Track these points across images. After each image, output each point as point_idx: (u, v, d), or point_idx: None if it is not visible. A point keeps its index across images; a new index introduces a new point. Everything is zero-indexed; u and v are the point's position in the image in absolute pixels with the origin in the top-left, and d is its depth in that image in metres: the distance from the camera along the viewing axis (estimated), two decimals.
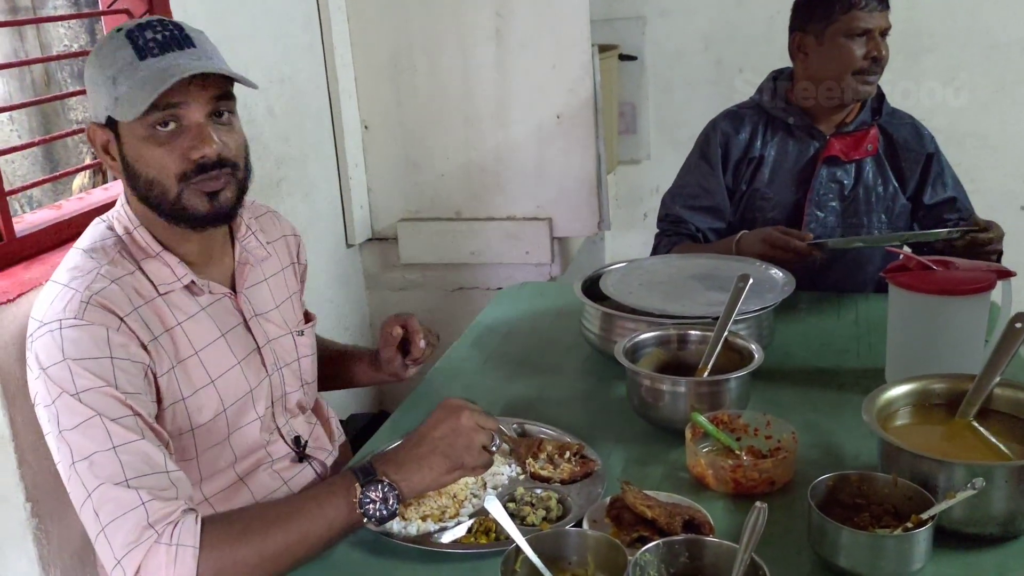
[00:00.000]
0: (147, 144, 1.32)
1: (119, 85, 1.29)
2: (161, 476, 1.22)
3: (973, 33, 3.54)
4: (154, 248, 1.39)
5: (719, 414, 1.45)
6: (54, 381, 1.23)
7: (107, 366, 1.25)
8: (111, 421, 1.22)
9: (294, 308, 1.64)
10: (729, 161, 2.26)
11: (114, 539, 1.18)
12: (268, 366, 1.51)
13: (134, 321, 1.30)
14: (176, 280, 1.39)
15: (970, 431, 1.33)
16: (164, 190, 1.34)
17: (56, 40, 4.77)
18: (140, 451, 1.22)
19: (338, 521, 1.25)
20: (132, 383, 1.27)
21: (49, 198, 4.42)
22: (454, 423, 1.32)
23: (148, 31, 1.31)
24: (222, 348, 1.44)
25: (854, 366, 1.76)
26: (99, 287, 1.30)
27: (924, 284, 1.55)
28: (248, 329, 1.49)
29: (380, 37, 3.03)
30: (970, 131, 3.50)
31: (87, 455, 1.21)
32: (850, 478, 1.22)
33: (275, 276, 1.60)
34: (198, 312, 1.42)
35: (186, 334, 1.39)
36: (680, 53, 3.84)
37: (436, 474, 1.30)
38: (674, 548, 1.12)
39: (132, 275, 1.35)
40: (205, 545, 1.17)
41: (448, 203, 3.15)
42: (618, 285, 1.87)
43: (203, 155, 1.32)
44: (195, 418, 1.39)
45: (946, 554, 1.17)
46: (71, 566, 1.71)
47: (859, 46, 2.09)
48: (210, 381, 1.40)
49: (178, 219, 1.37)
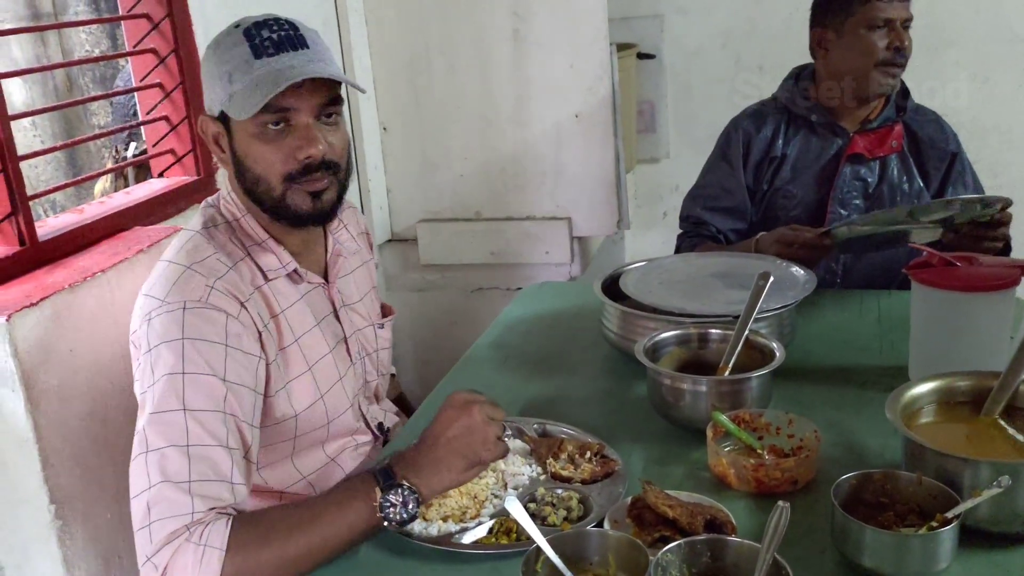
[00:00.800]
0: (256, 141, 1.36)
1: (234, 82, 1.33)
2: (223, 486, 1.24)
3: (995, 27, 3.51)
4: (261, 235, 1.44)
5: (740, 413, 1.44)
6: (163, 358, 1.26)
7: (220, 353, 1.28)
8: (195, 419, 1.24)
9: (374, 301, 1.70)
10: (750, 160, 2.24)
11: (156, 535, 1.19)
12: (353, 355, 1.57)
13: (252, 305, 1.35)
14: (281, 267, 1.44)
15: (995, 429, 1.32)
16: (269, 187, 1.38)
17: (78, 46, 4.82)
18: (211, 456, 1.24)
19: (359, 525, 1.26)
20: (240, 374, 1.30)
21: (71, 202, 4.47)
22: (467, 421, 1.32)
23: (264, 29, 1.35)
24: (317, 336, 1.48)
25: (877, 364, 1.74)
26: (222, 271, 1.34)
27: (947, 281, 1.53)
28: (337, 319, 1.55)
29: (398, 39, 3.04)
30: (993, 125, 3.47)
31: (161, 447, 1.23)
32: (874, 477, 1.21)
33: (359, 269, 1.67)
34: (298, 300, 1.47)
35: (288, 321, 1.43)
36: (698, 51, 3.83)
37: (455, 474, 1.31)
38: (696, 548, 1.11)
39: (244, 261, 1.40)
40: (231, 547, 1.18)
41: (467, 203, 3.15)
42: (638, 284, 1.86)
43: (309, 156, 1.36)
44: (296, 405, 1.43)
45: (972, 553, 1.16)
46: (95, 568, 1.73)
47: (880, 37, 2.07)
48: (307, 368, 1.45)
49: (280, 215, 1.41)
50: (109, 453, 1.75)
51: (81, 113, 4.91)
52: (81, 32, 4.74)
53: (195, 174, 2.28)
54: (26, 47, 4.74)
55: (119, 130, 2.65)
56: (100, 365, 1.73)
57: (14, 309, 1.57)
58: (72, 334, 1.68)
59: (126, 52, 2.22)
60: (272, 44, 1.34)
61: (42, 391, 1.61)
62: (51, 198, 4.43)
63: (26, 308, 1.59)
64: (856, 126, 2.17)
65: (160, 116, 2.23)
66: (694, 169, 2.42)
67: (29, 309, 1.59)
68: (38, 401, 1.60)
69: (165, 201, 2.17)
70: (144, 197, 2.13)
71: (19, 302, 1.60)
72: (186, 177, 2.28)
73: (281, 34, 1.35)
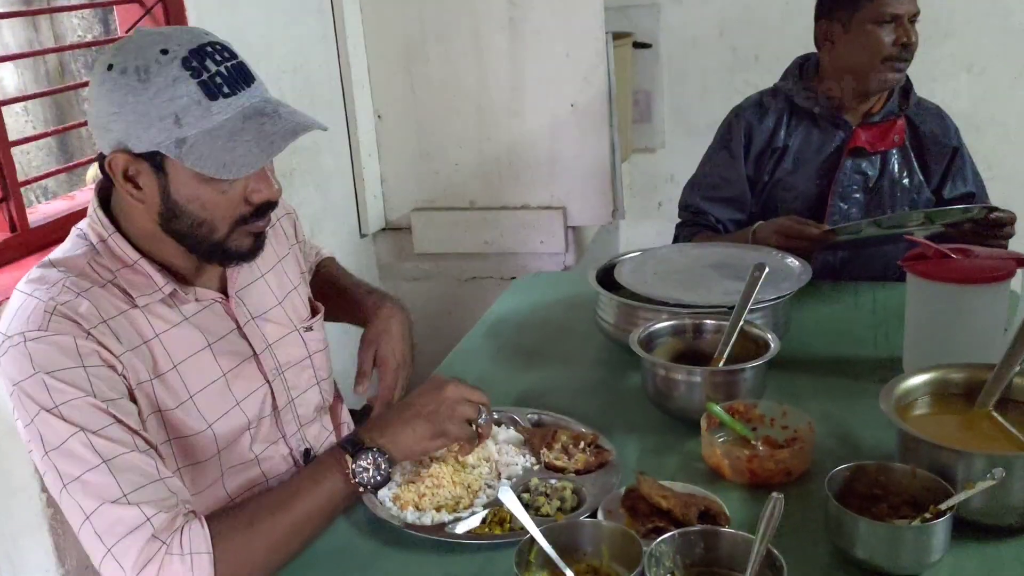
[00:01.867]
0: (207, 186, 1.23)
1: (184, 126, 1.18)
2: (158, 485, 1.17)
3: (992, 20, 3.50)
4: (131, 256, 1.28)
5: (735, 404, 1.44)
6: (30, 397, 1.17)
7: (81, 375, 1.18)
8: (95, 435, 1.16)
9: (301, 299, 1.55)
10: (752, 150, 2.23)
11: (124, 559, 1.13)
12: (268, 372, 1.42)
13: (102, 333, 1.22)
14: (156, 290, 1.29)
15: (989, 421, 1.32)
16: (212, 230, 1.26)
17: (70, 31, 4.78)
18: (132, 463, 1.17)
19: (337, 494, 1.28)
20: (110, 388, 1.20)
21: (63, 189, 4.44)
22: (437, 392, 1.36)
23: (208, 60, 1.20)
24: (206, 360, 1.34)
25: (871, 355, 1.74)
26: (64, 299, 1.21)
27: (943, 272, 1.53)
28: (243, 335, 1.40)
29: (393, 27, 3.02)
30: (989, 118, 3.47)
31: (78, 475, 1.15)
32: (867, 468, 1.21)
33: (273, 270, 1.50)
34: (180, 322, 1.32)
35: (164, 347, 1.29)
36: (695, 40, 3.82)
37: (419, 437, 1.33)
38: (690, 539, 1.11)
39: (104, 287, 1.26)
40: (217, 545, 1.16)
41: (462, 193, 3.14)
42: (633, 274, 1.86)
43: (265, 199, 1.27)
44: (178, 430, 1.31)
45: (965, 545, 1.16)
46: (86, 556, 1.72)
47: (888, 33, 2.06)
48: (189, 397, 1.31)
49: (211, 257, 1.30)
50: None
51: (73, 99, 4.88)
52: (73, 17, 4.71)
53: None
54: (17, 32, 4.71)
55: None
56: None
57: (4, 295, 1.57)
58: None
59: (119, 37, 2.21)
60: (224, 81, 1.20)
61: None
62: (42, 184, 4.41)
63: None
64: (859, 119, 2.17)
65: None
66: (689, 159, 2.41)
67: None
68: None
69: None
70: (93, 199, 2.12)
71: (10, 288, 1.59)
72: None
73: (228, 66, 1.21)
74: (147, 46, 1.20)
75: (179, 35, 1.22)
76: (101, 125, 1.22)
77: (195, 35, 1.23)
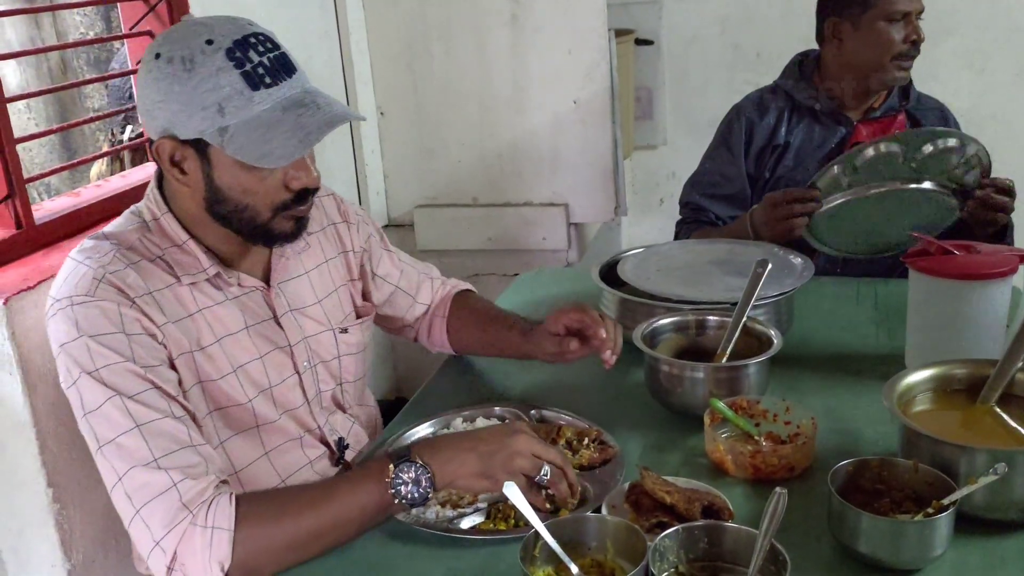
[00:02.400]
0: (248, 173, 1.27)
1: (227, 115, 1.22)
2: (189, 451, 1.21)
3: (993, 17, 3.50)
4: (180, 236, 1.35)
5: (738, 400, 1.44)
6: (73, 359, 1.23)
7: (123, 340, 1.23)
8: (131, 399, 1.21)
9: (341, 302, 1.58)
10: (752, 147, 2.23)
11: (151, 521, 1.17)
12: (299, 365, 1.46)
13: (146, 304, 1.28)
14: (201, 271, 1.35)
15: (991, 416, 1.32)
16: (255, 215, 1.31)
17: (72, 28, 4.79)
18: (164, 429, 1.21)
19: (371, 504, 1.24)
20: (150, 355, 1.26)
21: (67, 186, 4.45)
22: (506, 438, 1.28)
23: (251, 51, 1.24)
24: (244, 341, 1.39)
25: (874, 351, 1.74)
26: (113, 268, 1.28)
27: (945, 269, 1.54)
28: (279, 325, 1.45)
29: (396, 23, 3.03)
30: (990, 115, 3.47)
31: (112, 438, 1.20)
32: (870, 464, 1.21)
33: (317, 268, 1.54)
34: (223, 301, 1.38)
35: (207, 321, 1.35)
36: (697, 37, 3.82)
37: (466, 472, 1.26)
38: (693, 534, 1.12)
39: (152, 262, 1.32)
40: (240, 527, 1.17)
41: (464, 189, 3.14)
42: (636, 271, 1.86)
43: (305, 186, 1.31)
44: (221, 401, 1.36)
45: (967, 540, 1.16)
46: (92, 550, 1.73)
47: (898, 30, 2.06)
48: (231, 370, 1.37)
49: (254, 238, 1.35)
50: None
51: (76, 96, 4.89)
52: (75, 14, 4.71)
53: None
54: (20, 29, 4.71)
55: (115, 113, 2.64)
56: None
57: (11, 292, 1.57)
58: None
59: (122, 35, 2.21)
60: (267, 71, 1.24)
61: (39, 375, 1.61)
62: (46, 181, 4.41)
63: (23, 291, 1.59)
64: (860, 115, 2.17)
65: None
66: (691, 156, 2.41)
67: (26, 292, 1.60)
68: (35, 385, 1.60)
69: None
70: (140, 181, 2.13)
71: (16, 285, 1.60)
72: None
73: (271, 57, 1.25)
74: (192, 36, 1.24)
75: (224, 25, 1.26)
76: (148, 112, 1.28)
77: (239, 26, 1.27)
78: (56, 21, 4.78)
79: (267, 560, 1.19)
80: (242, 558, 1.17)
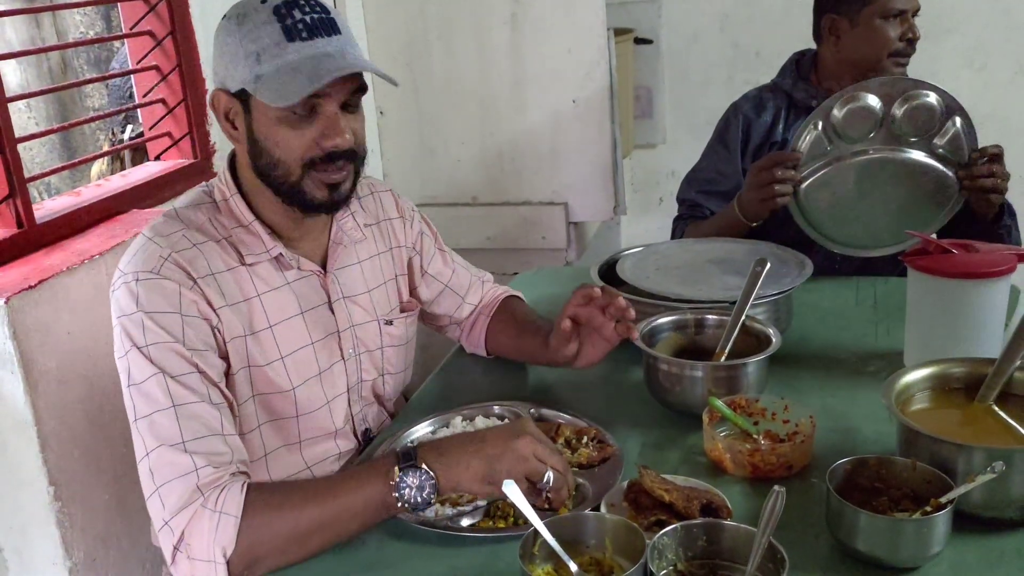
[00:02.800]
0: (280, 125, 1.32)
1: (263, 63, 1.29)
2: (218, 440, 1.25)
3: (993, 15, 3.50)
4: (247, 217, 1.40)
5: (736, 398, 1.45)
6: (127, 332, 1.27)
7: (176, 321, 1.28)
8: (173, 379, 1.25)
9: (388, 295, 1.62)
10: (750, 145, 2.24)
11: (167, 500, 1.21)
12: (344, 351, 1.50)
13: (207, 285, 1.33)
14: (265, 251, 1.40)
15: (990, 415, 1.33)
16: (288, 171, 1.35)
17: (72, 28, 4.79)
18: (199, 413, 1.25)
19: (373, 502, 1.24)
20: (200, 340, 1.30)
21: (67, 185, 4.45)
22: (511, 442, 1.27)
23: (296, 10, 1.31)
24: (297, 327, 1.44)
25: (872, 350, 1.75)
26: (181, 247, 1.33)
27: (944, 267, 1.54)
28: (332, 311, 1.49)
29: (395, 22, 3.03)
30: (990, 113, 3.46)
31: (148, 413, 1.24)
32: (868, 462, 1.21)
33: (370, 260, 1.59)
34: (282, 286, 1.43)
35: (263, 306, 1.40)
36: (696, 36, 3.82)
37: (471, 476, 1.26)
38: (692, 532, 1.12)
39: (218, 243, 1.38)
40: (247, 514, 1.19)
41: (464, 188, 3.15)
42: (635, 270, 1.86)
43: (335, 145, 1.34)
44: (263, 387, 1.40)
45: (965, 538, 1.16)
46: (94, 550, 1.74)
47: (894, 27, 2.07)
48: (279, 357, 1.41)
49: (292, 201, 1.38)
50: (106, 435, 1.75)
51: (76, 96, 4.89)
52: (76, 14, 4.71)
53: (192, 157, 2.28)
54: (20, 29, 4.71)
55: (115, 112, 2.65)
56: (97, 347, 1.73)
57: (13, 292, 1.57)
58: (70, 316, 1.68)
59: (123, 34, 2.21)
60: (305, 27, 1.30)
61: (41, 373, 1.61)
62: (47, 181, 4.41)
63: (24, 291, 1.59)
64: None
65: (157, 99, 2.23)
66: (691, 155, 2.42)
67: (27, 292, 1.60)
68: (37, 383, 1.60)
69: (162, 184, 2.17)
70: (141, 180, 2.13)
71: (17, 284, 1.60)
72: (183, 160, 2.28)
73: (314, 16, 1.31)
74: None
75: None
76: (213, 69, 1.38)
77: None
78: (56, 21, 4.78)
79: (269, 550, 1.20)
80: (245, 546, 1.18)
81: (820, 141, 1.97)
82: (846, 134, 1.96)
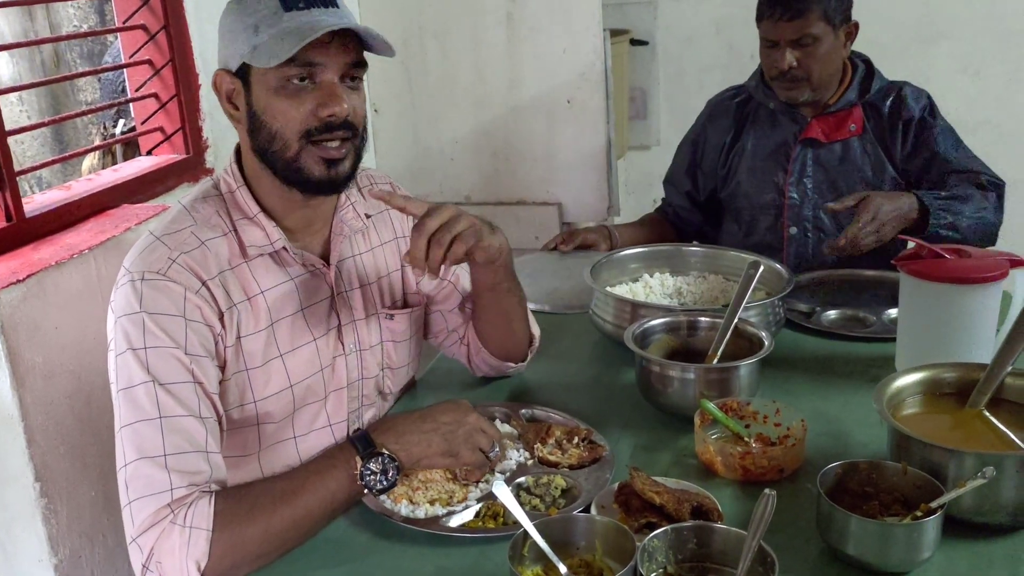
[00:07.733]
0: (277, 95, 1.31)
1: (260, 33, 1.28)
2: (199, 457, 1.22)
3: (988, 21, 3.51)
4: (252, 209, 1.38)
5: (728, 401, 1.45)
6: (126, 332, 1.25)
7: (179, 325, 1.26)
8: (163, 389, 1.22)
9: (393, 287, 1.59)
10: (712, 143, 2.33)
11: (136, 516, 1.19)
12: (345, 345, 1.48)
13: (216, 286, 1.31)
14: (268, 244, 1.38)
15: (981, 420, 1.33)
16: (285, 144, 1.32)
17: (65, 21, 4.77)
18: (184, 427, 1.22)
19: (341, 494, 1.28)
20: (201, 346, 1.28)
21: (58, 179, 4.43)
22: (461, 416, 1.39)
23: None
24: (298, 323, 1.42)
25: (864, 354, 1.75)
26: (189, 247, 1.31)
27: (936, 272, 1.54)
28: (333, 305, 1.47)
29: (391, 20, 3.02)
30: (984, 119, 3.48)
31: (133, 422, 1.22)
32: (859, 466, 1.21)
33: (371, 251, 1.56)
34: (285, 282, 1.40)
35: (267, 302, 1.37)
36: (691, 38, 3.82)
37: (432, 451, 1.34)
38: (682, 534, 1.12)
39: (224, 237, 1.36)
40: (217, 526, 1.18)
41: (458, 187, 3.14)
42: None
43: (332, 114, 1.31)
44: (260, 391, 1.38)
45: (955, 543, 1.16)
46: (80, 545, 1.72)
47: (770, 55, 2.13)
48: (278, 355, 1.39)
49: (290, 180, 1.35)
50: (93, 431, 1.74)
51: (68, 89, 4.87)
52: (69, 7, 4.70)
53: (184, 152, 2.27)
54: (13, 21, 4.69)
55: (108, 107, 2.63)
56: (85, 343, 1.72)
57: (1, 285, 1.56)
58: (58, 311, 1.67)
59: (116, 28, 2.20)
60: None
61: (27, 368, 1.60)
62: (37, 174, 4.40)
63: (12, 284, 1.58)
64: (817, 111, 2.19)
65: (149, 93, 2.22)
66: None
67: (15, 285, 1.59)
68: (23, 378, 1.59)
69: (154, 179, 2.16)
70: (132, 175, 2.12)
71: (5, 278, 1.59)
72: (175, 155, 2.27)
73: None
74: None
75: None
76: (218, 55, 1.36)
77: None
78: (49, 13, 4.76)
79: (243, 556, 1.20)
80: (218, 556, 1.17)
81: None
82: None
